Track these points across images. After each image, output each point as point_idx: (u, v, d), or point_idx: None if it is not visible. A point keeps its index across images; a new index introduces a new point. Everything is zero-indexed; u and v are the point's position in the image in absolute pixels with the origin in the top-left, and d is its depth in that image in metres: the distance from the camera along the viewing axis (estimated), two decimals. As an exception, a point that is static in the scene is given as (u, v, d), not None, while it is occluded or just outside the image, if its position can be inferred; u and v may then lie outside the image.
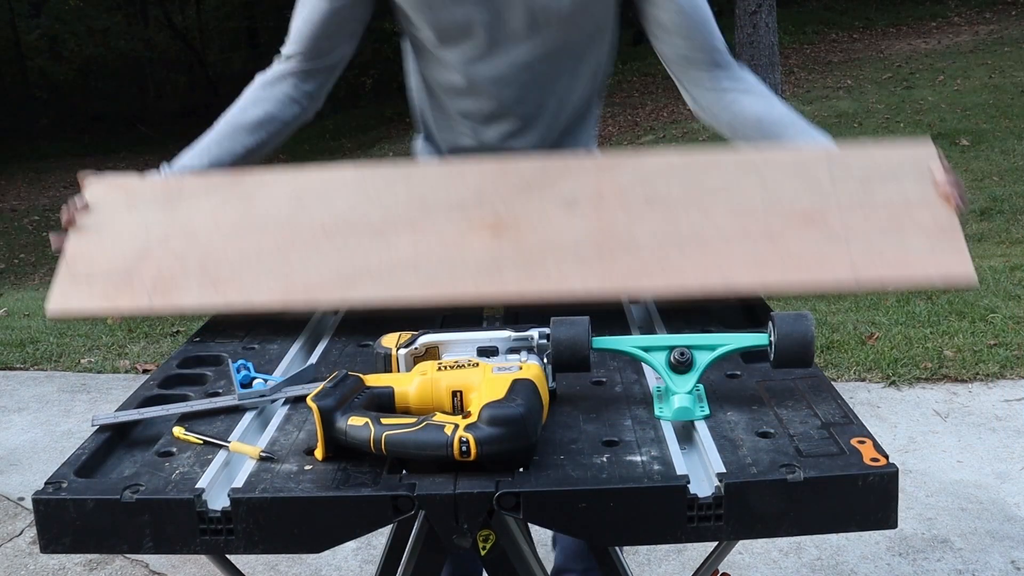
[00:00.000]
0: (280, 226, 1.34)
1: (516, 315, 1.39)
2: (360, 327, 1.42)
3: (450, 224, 1.31)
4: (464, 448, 0.91)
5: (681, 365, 1.06)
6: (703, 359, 1.07)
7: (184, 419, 1.11)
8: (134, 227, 1.37)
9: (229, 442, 1.03)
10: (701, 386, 1.10)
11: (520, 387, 0.97)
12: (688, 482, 0.90)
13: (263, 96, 1.52)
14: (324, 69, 1.53)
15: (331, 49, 1.51)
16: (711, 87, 1.49)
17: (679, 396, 1.05)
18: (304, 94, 1.53)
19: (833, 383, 1.21)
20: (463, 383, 1.02)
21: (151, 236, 1.35)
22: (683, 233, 1.28)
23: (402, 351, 1.13)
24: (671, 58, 1.50)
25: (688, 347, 1.07)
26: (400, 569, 1.03)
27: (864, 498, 0.90)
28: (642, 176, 1.33)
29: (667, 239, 1.27)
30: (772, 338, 1.05)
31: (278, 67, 1.53)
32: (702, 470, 0.96)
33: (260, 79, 1.54)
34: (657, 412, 1.06)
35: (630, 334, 1.32)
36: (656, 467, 0.94)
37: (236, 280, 1.30)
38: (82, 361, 4.30)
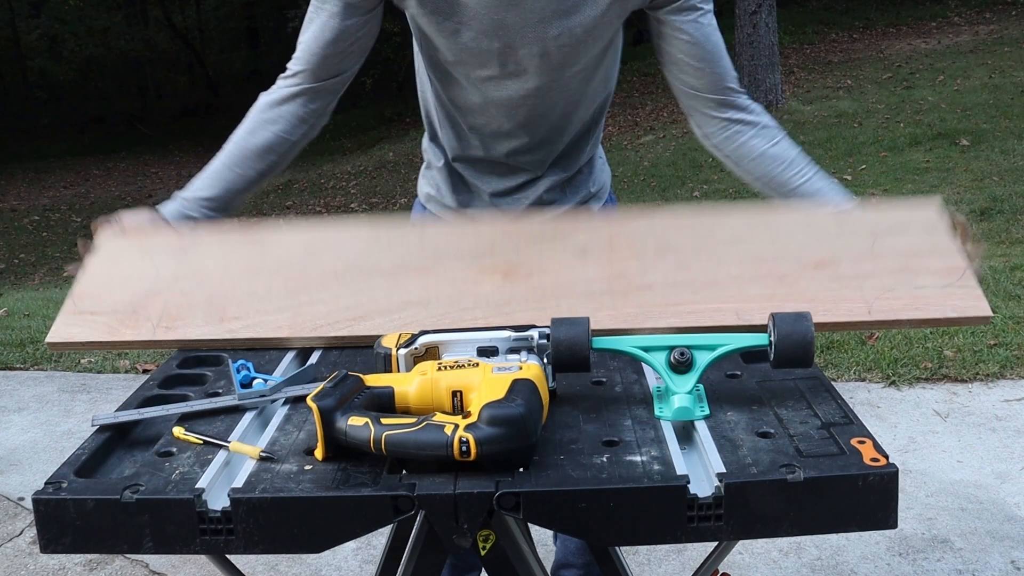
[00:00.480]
0: (291, 270, 1.36)
1: None
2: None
3: (461, 269, 1.33)
4: (464, 448, 0.91)
5: (681, 365, 1.06)
6: (703, 359, 1.07)
7: (184, 419, 1.11)
8: (144, 270, 1.38)
9: (229, 442, 1.03)
10: (701, 386, 1.10)
11: (520, 387, 0.97)
12: (688, 482, 0.90)
13: (271, 118, 1.48)
14: (332, 87, 1.49)
15: (340, 67, 1.47)
16: (718, 119, 1.49)
17: (679, 396, 1.05)
18: (311, 112, 1.49)
19: (833, 383, 1.21)
20: (463, 383, 1.02)
21: (160, 277, 1.37)
22: (695, 277, 1.29)
23: (402, 351, 1.13)
24: (679, 89, 1.49)
25: (688, 347, 1.07)
26: (400, 569, 1.03)
27: (864, 498, 0.90)
28: (653, 229, 1.36)
29: (679, 283, 1.29)
30: (772, 338, 1.05)
31: (284, 85, 1.49)
32: (702, 470, 0.96)
33: (265, 99, 1.49)
34: (657, 412, 1.06)
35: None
36: (656, 467, 0.94)
37: (243, 316, 1.32)
38: (82, 361, 4.30)
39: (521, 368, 1.01)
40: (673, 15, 1.41)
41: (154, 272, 1.37)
